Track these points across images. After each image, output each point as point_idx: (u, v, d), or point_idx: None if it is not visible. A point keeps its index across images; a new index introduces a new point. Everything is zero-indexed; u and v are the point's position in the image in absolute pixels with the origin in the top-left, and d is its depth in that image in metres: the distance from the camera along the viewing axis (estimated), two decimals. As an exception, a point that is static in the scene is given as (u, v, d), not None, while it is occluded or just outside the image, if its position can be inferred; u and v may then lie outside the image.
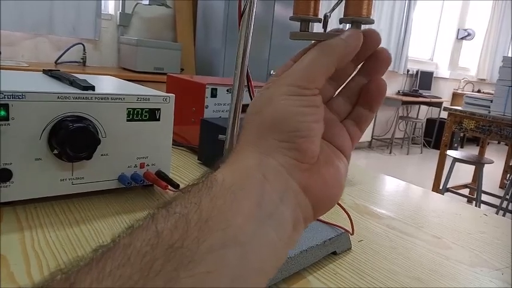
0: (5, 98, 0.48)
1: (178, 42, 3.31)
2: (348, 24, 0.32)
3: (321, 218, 0.56)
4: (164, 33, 3.45)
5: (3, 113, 0.48)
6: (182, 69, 3.16)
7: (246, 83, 0.43)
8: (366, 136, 5.58)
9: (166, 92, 1.01)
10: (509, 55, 7.64)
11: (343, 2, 0.32)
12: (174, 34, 3.45)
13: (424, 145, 6.04)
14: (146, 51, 2.93)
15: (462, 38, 6.54)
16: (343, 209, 0.55)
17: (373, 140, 5.74)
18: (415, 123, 6.11)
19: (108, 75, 2.91)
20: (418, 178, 4.43)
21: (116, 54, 3.26)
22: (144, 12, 3.29)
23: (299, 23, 0.33)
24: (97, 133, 0.54)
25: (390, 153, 5.59)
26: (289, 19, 0.33)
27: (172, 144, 1.00)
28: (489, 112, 2.97)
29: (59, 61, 2.93)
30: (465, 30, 6.52)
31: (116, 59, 3.26)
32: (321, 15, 0.33)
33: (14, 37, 2.84)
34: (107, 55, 3.23)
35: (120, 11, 3.17)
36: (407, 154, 5.70)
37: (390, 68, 5.57)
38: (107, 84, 0.71)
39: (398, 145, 6.06)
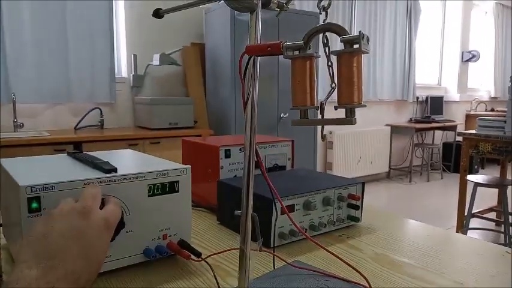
0: (36, 191, 0.52)
1: (190, 96, 3.43)
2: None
3: (338, 274, 0.57)
4: (176, 89, 3.59)
5: (35, 205, 0.52)
6: (196, 122, 3.25)
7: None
8: (383, 167, 5.54)
9: (183, 156, 1.05)
10: (518, 72, 7.62)
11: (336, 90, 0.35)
12: (186, 89, 3.59)
13: (443, 170, 5.95)
14: (160, 108, 3.04)
15: (467, 60, 6.59)
16: (359, 273, 0.56)
17: (391, 170, 5.69)
18: (432, 149, 6.05)
19: (125, 135, 3.00)
20: (441, 205, 4.33)
21: (131, 114, 3.39)
22: (155, 72, 3.45)
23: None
24: (122, 213, 0.57)
25: (410, 181, 5.51)
26: (290, 109, 0.36)
27: (192, 206, 1.03)
28: (504, 133, 2.94)
29: (78, 126, 3.06)
30: (469, 52, 6.57)
31: (132, 119, 3.39)
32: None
33: (35, 108, 2.99)
34: (123, 116, 3.36)
35: (133, 73, 3.33)
36: (428, 181, 5.60)
37: (399, 97, 5.64)
38: (127, 161, 0.76)
39: (417, 173, 5.97)
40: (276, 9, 0.43)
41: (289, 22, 3.37)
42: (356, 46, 0.32)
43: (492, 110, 7.08)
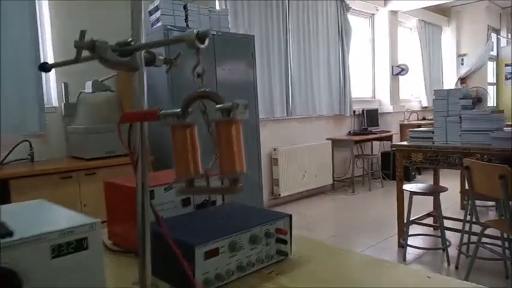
0: None
1: (126, 122, 3.31)
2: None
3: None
4: (112, 115, 3.45)
5: None
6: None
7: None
8: (328, 179, 5.68)
9: (105, 198, 1.00)
10: (442, 84, 8.25)
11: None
12: (121, 115, 3.46)
13: (383, 178, 6.22)
14: (95, 137, 2.91)
15: (397, 74, 7.00)
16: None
17: (335, 182, 5.85)
18: (371, 159, 6.31)
19: (58, 168, 2.81)
20: (383, 213, 4.51)
21: (64, 145, 3.21)
22: (88, 99, 3.30)
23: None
24: (19, 284, 0.52)
25: (353, 192, 5.70)
26: (173, 182, 0.34)
27: (115, 250, 0.98)
28: (433, 143, 3.13)
29: (5, 161, 2.84)
30: (398, 66, 7.00)
31: (65, 149, 3.21)
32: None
33: (-48, 145, 2.74)
34: (55, 147, 3.17)
35: (64, 102, 3.17)
36: (370, 190, 5.83)
37: (337, 112, 5.85)
38: (31, 217, 0.70)
39: (359, 183, 6.19)
40: (165, 64, 0.42)
41: (225, 45, 3.40)
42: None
43: (424, 118, 7.56)
